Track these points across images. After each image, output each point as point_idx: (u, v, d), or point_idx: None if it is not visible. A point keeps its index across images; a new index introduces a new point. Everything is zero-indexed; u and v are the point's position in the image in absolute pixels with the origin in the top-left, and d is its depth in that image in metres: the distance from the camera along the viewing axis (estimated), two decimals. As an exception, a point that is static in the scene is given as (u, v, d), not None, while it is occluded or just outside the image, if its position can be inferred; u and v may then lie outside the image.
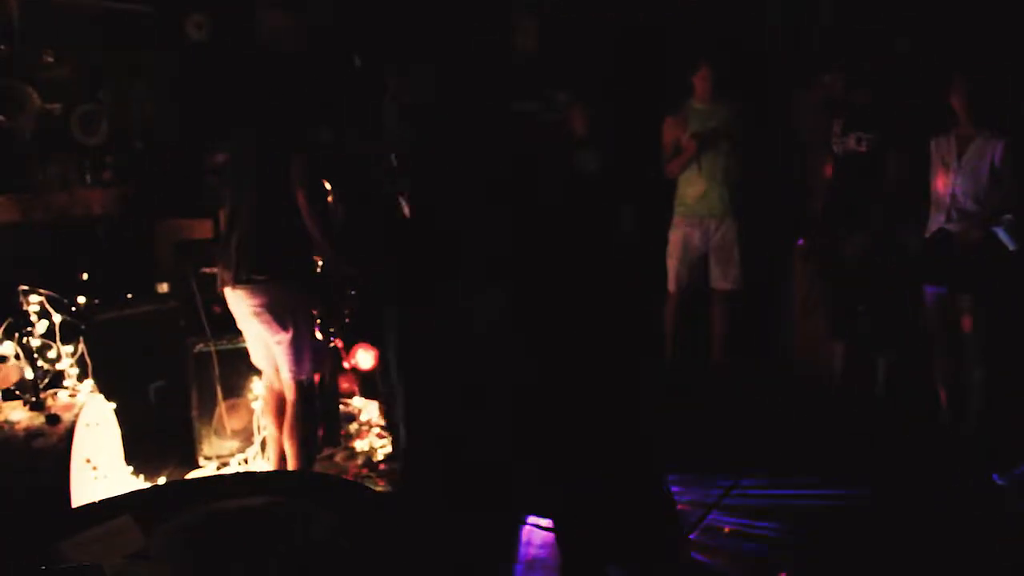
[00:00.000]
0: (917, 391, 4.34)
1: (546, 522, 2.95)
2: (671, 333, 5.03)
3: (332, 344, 3.76)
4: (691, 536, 3.35)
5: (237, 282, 3.50)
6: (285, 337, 3.53)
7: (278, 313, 3.51)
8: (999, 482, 3.49)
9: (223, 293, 3.63)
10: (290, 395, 3.63)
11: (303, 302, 3.59)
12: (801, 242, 4.84)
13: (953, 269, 3.98)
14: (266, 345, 3.63)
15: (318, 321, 3.39)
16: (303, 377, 3.62)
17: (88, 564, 1.53)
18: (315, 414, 3.90)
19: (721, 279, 4.94)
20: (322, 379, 3.95)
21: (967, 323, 3.98)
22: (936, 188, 4.03)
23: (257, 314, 3.52)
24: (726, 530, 3.39)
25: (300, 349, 3.57)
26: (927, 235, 4.06)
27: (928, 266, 4.08)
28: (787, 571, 3.06)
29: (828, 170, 4.50)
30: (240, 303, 3.55)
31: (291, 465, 3.65)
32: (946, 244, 3.98)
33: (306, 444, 3.73)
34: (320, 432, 4.08)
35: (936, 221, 4.03)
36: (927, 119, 4.16)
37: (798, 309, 5.01)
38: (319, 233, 3.50)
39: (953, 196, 3.96)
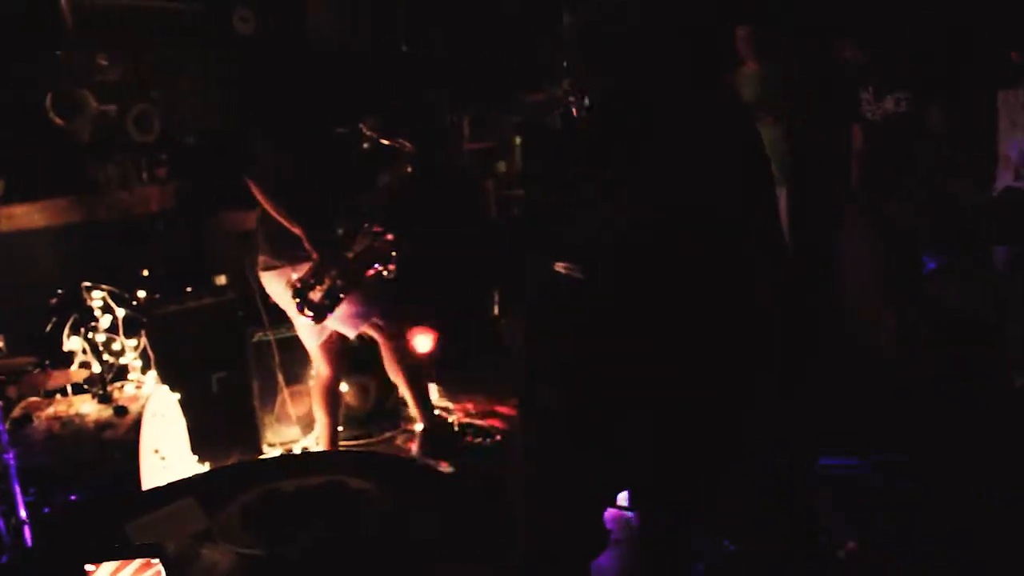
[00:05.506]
0: (979, 358, 4.17)
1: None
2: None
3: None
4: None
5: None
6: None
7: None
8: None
9: None
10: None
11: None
12: (849, 207, 4.71)
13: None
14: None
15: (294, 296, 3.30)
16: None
17: (151, 543, 1.56)
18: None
19: None
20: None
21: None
22: (1004, 145, 3.88)
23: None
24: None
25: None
26: (994, 193, 3.91)
27: (998, 225, 3.93)
28: (855, 543, 2.99)
29: (860, 136, 4.36)
30: None
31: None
32: (1015, 203, 3.84)
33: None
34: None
35: (1004, 179, 3.88)
36: (969, 70, 4.01)
37: (847, 276, 4.87)
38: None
39: (1021, 154, 3.81)
